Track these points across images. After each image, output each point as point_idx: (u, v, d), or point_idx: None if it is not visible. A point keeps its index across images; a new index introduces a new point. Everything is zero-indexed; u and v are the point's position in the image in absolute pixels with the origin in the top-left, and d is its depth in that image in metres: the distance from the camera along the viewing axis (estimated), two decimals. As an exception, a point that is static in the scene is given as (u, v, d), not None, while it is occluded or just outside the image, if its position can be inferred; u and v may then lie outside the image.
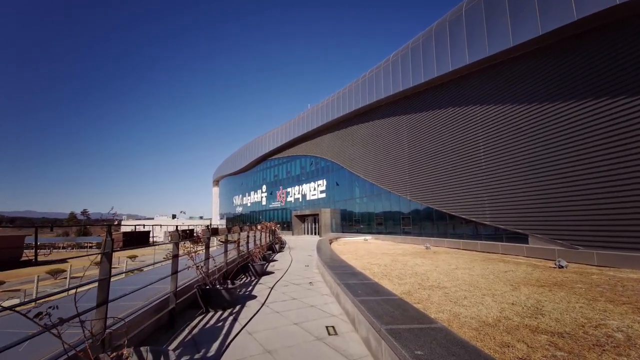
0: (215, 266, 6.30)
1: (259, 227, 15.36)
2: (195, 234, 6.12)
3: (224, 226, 13.77)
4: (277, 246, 17.35)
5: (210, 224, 68.16)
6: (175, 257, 4.73)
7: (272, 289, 7.51)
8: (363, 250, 16.73)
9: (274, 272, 10.09)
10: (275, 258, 14.20)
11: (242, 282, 8.47)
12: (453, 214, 17.66)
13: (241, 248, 9.98)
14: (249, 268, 9.00)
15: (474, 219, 16.06)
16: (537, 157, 13.05)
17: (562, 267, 9.73)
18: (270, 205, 48.62)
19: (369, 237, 26.38)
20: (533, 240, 12.90)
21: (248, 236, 11.79)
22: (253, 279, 8.94)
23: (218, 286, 5.88)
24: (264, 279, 8.96)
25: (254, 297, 6.63)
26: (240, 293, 7.07)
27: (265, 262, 12.21)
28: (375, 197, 27.01)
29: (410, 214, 22.22)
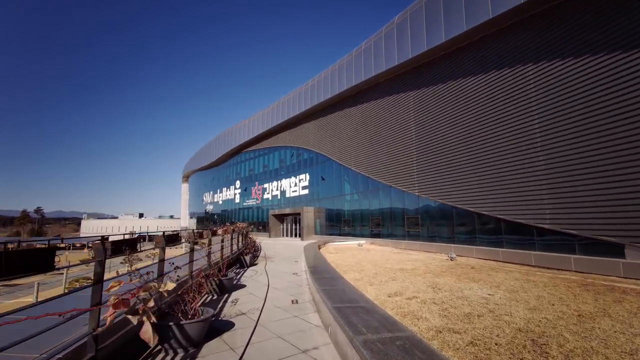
0: None
1: (219, 231, 10.24)
2: None
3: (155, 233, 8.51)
4: (247, 257, 12.25)
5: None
6: None
7: None
8: (368, 263, 12.04)
9: (233, 325, 5.08)
10: (241, 281, 9.14)
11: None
12: (485, 213, 13.33)
13: (172, 279, 4.89)
14: (170, 334, 3.94)
15: (522, 221, 11.76)
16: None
17: None
18: (244, 203, 43.01)
19: (363, 241, 21.77)
20: (633, 253, 8.70)
21: (192, 249, 6.68)
22: (179, 355, 3.92)
23: None
24: (205, 355, 3.96)
25: None
26: None
27: (223, 293, 7.18)
28: (370, 193, 22.44)
29: (418, 214, 17.80)
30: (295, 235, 32.86)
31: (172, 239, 5.95)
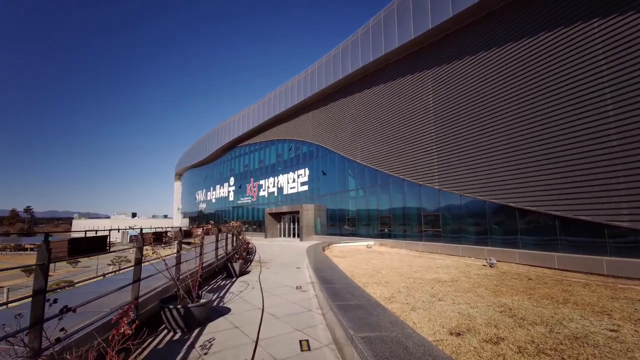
0: None
1: (197, 231, 7.68)
2: None
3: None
4: (237, 265, 9.67)
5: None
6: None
7: None
8: (389, 270, 9.54)
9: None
10: (224, 301, 6.56)
11: None
12: (533, 209, 10.89)
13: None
14: None
15: (587, 218, 9.33)
16: None
17: None
18: (238, 202, 40.34)
19: (371, 242, 19.29)
20: None
21: (140, 261, 4.12)
22: None
23: None
24: None
25: None
26: None
27: (191, 328, 4.61)
28: (378, 188, 19.97)
29: (439, 211, 15.34)
30: (294, 236, 30.30)
31: (93, 246, 3.39)
